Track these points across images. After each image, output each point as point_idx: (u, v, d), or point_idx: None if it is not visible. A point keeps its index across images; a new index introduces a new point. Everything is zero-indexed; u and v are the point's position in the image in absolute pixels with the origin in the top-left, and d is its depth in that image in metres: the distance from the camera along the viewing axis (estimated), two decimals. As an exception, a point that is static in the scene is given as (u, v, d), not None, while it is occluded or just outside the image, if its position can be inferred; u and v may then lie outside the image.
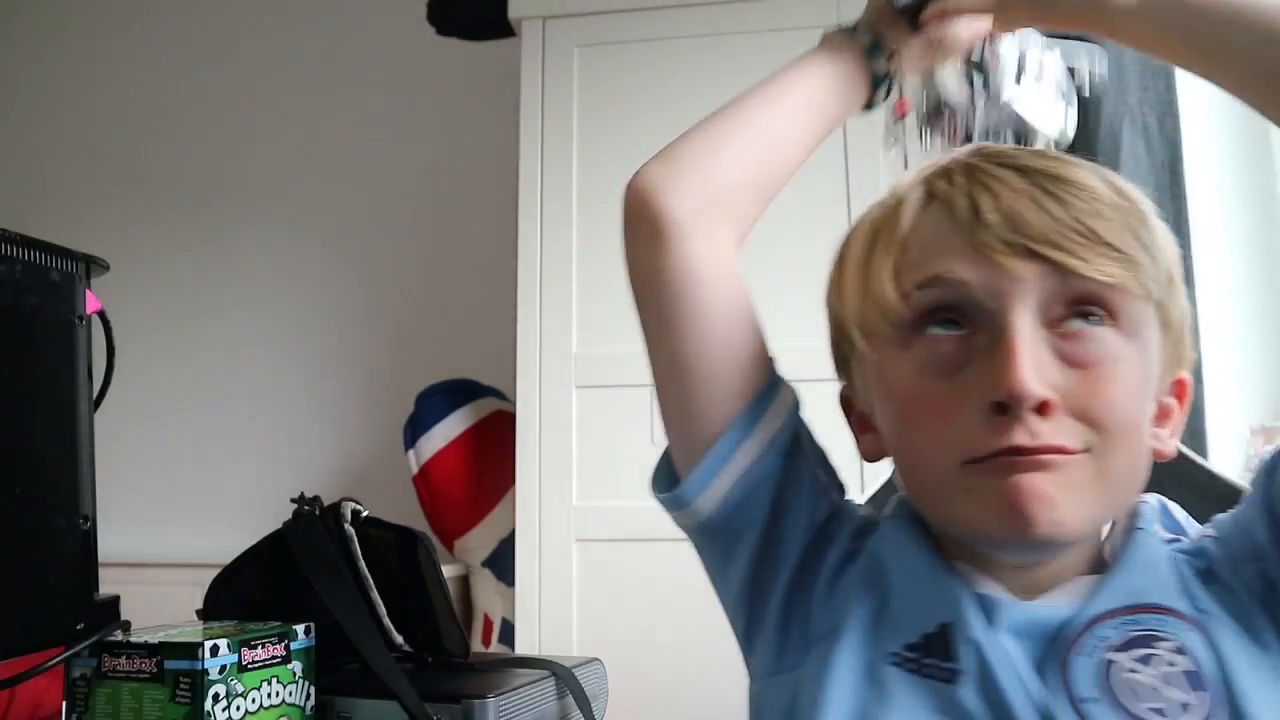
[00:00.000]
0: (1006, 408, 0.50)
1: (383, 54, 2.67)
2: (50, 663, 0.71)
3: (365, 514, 0.97)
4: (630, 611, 1.73)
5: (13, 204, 2.69)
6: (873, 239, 0.58)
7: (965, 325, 0.53)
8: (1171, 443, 0.58)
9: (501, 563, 2.04)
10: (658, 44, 1.93)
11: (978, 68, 0.68)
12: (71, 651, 0.72)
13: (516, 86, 1.95)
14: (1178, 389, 0.59)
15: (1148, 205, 0.56)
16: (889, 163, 1.82)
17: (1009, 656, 0.52)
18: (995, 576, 0.56)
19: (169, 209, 2.75)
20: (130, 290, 2.50)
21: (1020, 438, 0.50)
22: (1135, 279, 0.51)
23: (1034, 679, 0.51)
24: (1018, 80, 0.67)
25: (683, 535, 0.66)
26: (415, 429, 2.14)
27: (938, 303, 0.53)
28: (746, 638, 0.63)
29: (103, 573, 0.76)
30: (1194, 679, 0.49)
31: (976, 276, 0.52)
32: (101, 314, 0.79)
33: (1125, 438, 0.53)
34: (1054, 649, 0.52)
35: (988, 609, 0.54)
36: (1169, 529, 0.60)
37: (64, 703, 0.74)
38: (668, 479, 0.64)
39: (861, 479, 1.67)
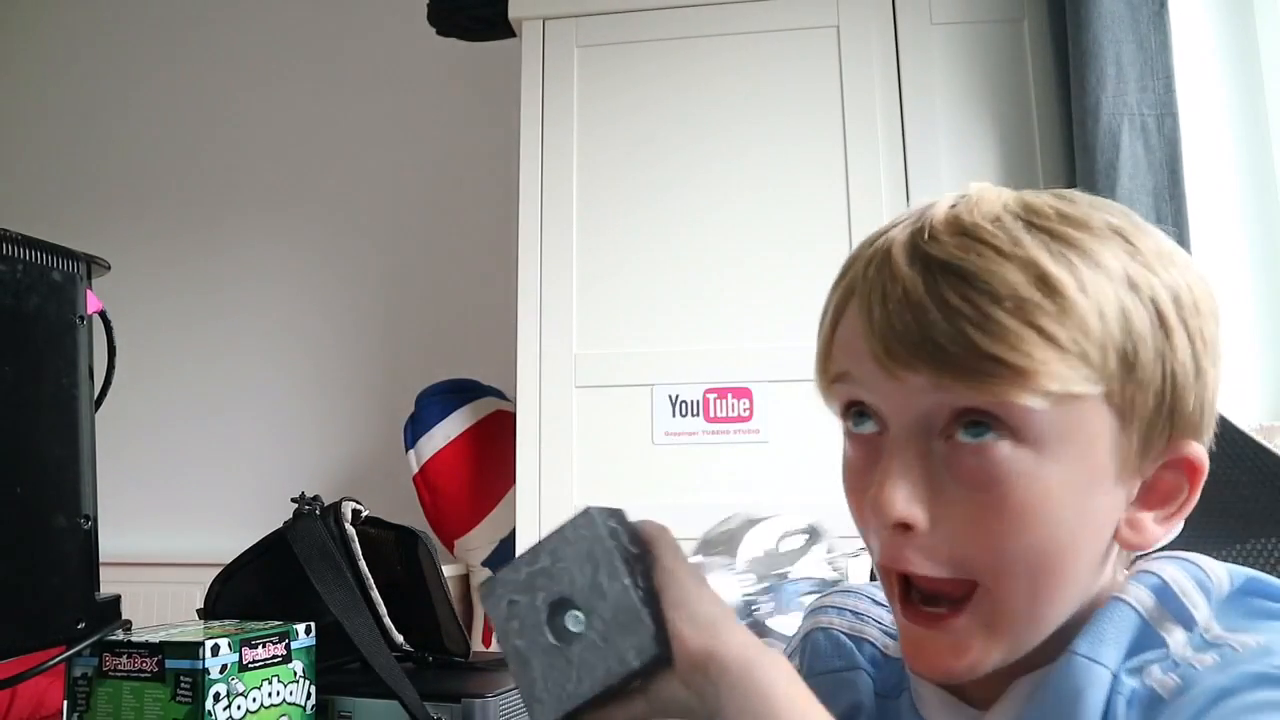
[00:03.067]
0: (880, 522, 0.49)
1: (383, 54, 2.67)
2: (51, 662, 0.71)
3: (365, 514, 0.97)
4: (630, 611, 1.73)
5: (13, 204, 2.69)
6: (822, 317, 0.56)
7: (876, 422, 0.51)
8: (1155, 530, 0.51)
9: (502, 562, 2.04)
10: (658, 44, 1.93)
11: None
12: (73, 651, 0.72)
13: (516, 86, 1.95)
14: (1183, 466, 0.50)
15: (1091, 281, 0.47)
16: (889, 164, 1.83)
17: None
18: None
19: (170, 209, 2.75)
20: (131, 290, 2.51)
21: (886, 558, 0.50)
22: (1026, 389, 0.46)
23: None
24: None
25: (683, 536, 0.67)
26: (415, 429, 2.14)
27: (849, 397, 0.52)
28: None
29: (104, 572, 0.76)
30: None
31: (871, 377, 0.50)
32: (102, 314, 0.80)
33: (1027, 572, 0.48)
34: None
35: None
36: (1176, 617, 0.49)
37: (65, 702, 0.74)
38: None
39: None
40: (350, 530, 0.93)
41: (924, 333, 0.47)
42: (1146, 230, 0.51)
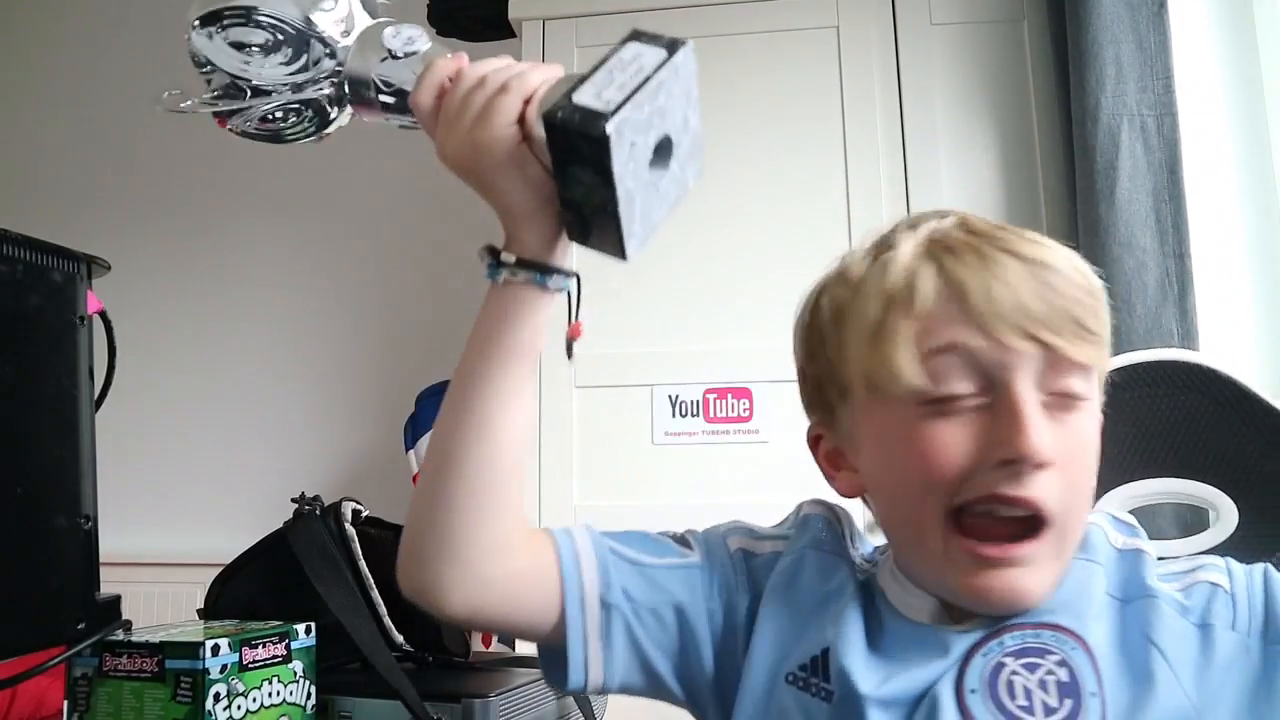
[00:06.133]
0: (1012, 463, 0.58)
1: (383, 54, 2.67)
2: (52, 662, 0.72)
3: (365, 514, 0.97)
4: (630, 611, 1.73)
5: (13, 204, 2.69)
6: (887, 305, 0.62)
7: (976, 389, 0.60)
8: None
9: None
10: (658, 44, 1.93)
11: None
12: (73, 651, 0.72)
13: (516, 87, 1.95)
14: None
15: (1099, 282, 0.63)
16: (888, 164, 1.83)
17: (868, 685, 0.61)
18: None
19: (170, 209, 2.75)
20: (131, 290, 2.51)
21: (1012, 488, 0.58)
22: (1103, 357, 0.61)
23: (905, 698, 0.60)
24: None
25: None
26: (415, 429, 2.14)
27: (952, 367, 0.60)
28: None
29: (104, 572, 0.76)
30: (1066, 689, 0.58)
31: (987, 348, 0.59)
32: (103, 314, 0.80)
33: (1087, 498, 0.61)
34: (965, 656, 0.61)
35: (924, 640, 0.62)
36: (1124, 533, 0.67)
37: (65, 702, 0.75)
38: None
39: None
40: (350, 530, 0.94)
41: (1042, 309, 0.59)
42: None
